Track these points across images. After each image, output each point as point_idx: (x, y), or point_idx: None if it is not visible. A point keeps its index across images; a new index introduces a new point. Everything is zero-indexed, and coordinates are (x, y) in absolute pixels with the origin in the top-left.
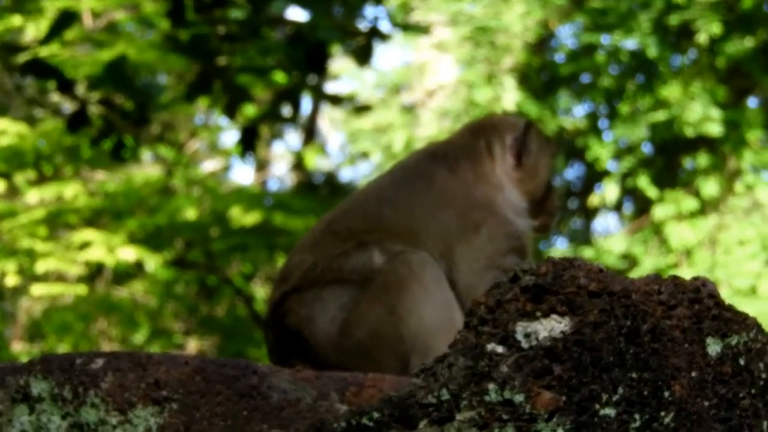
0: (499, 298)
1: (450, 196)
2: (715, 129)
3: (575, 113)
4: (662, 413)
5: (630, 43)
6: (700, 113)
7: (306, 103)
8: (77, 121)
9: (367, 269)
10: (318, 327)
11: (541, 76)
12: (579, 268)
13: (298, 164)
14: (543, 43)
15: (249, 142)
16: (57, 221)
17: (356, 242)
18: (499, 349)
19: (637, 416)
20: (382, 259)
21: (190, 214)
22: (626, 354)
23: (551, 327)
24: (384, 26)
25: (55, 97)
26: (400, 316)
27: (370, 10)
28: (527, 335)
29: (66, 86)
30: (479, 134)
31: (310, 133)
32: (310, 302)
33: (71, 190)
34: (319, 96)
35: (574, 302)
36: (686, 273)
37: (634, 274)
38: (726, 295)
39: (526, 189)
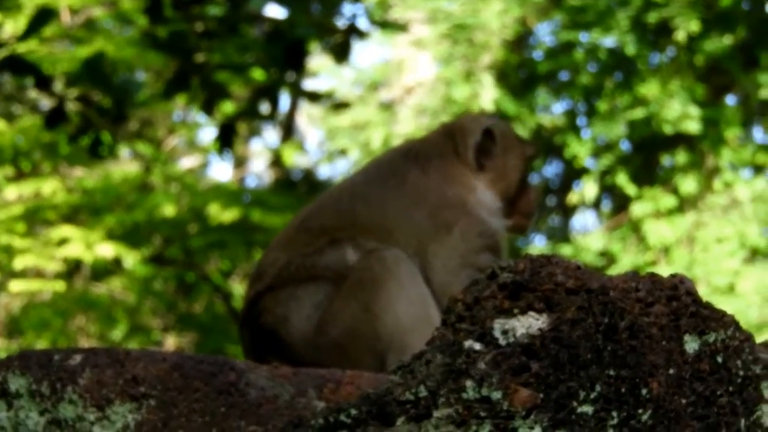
0: (476, 295)
1: (422, 195)
2: (693, 126)
3: (553, 111)
4: (640, 411)
5: (608, 41)
6: (679, 111)
7: (284, 100)
8: (55, 118)
9: (341, 266)
10: (293, 325)
11: (520, 74)
12: (557, 265)
13: (277, 161)
14: (521, 40)
15: (227, 139)
16: (35, 217)
17: (329, 239)
18: (477, 346)
19: (614, 414)
20: (356, 256)
21: (169, 210)
22: (604, 351)
23: (529, 324)
24: (362, 24)
25: (33, 93)
26: (376, 313)
27: (348, 8)
28: (505, 332)
29: (44, 83)
30: (449, 136)
31: (289, 130)
32: (284, 301)
33: (49, 187)
34: (297, 93)
35: (552, 299)
36: (664, 271)
37: (612, 271)
38: (704, 292)
39: (497, 190)
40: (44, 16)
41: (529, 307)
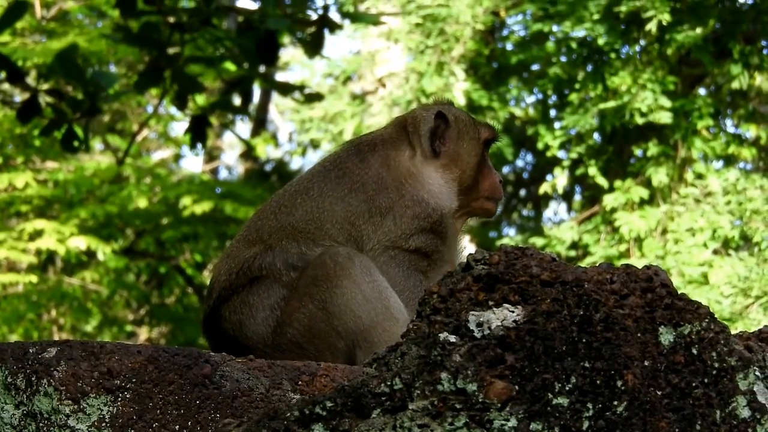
0: (451, 287)
1: (361, 182)
2: (665, 117)
3: (525, 102)
4: (615, 402)
5: (580, 32)
6: (650, 102)
7: (256, 93)
8: (28, 111)
9: (274, 269)
10: (251, 330)
11: (491, 65)
12: (531, 257)
13: (248, 153)
14: (493, 31)
15: (199, 132)
16: (8, 210)
17: (264, 246)
18: (452, 338)
19: (590, 405)
20: (281, 261)
21: (141, 203)
22: (579, 343)
23: (504, 316)
24: (334, 15)
25: (5, 86)
26: (332, 311)
27: (319, 0)
28: (480, 324)
29: (17, 76)
30: (401, 127)
31: (261, 122)
32: (238, 308)
33: (22, 180)
34: (270, 85)
35: (527, 291)
36: (637, 262)
37: (585, 263)
38: (677, 284)
39: (453, 174)
40: (18, 10)
41: (504, 300)
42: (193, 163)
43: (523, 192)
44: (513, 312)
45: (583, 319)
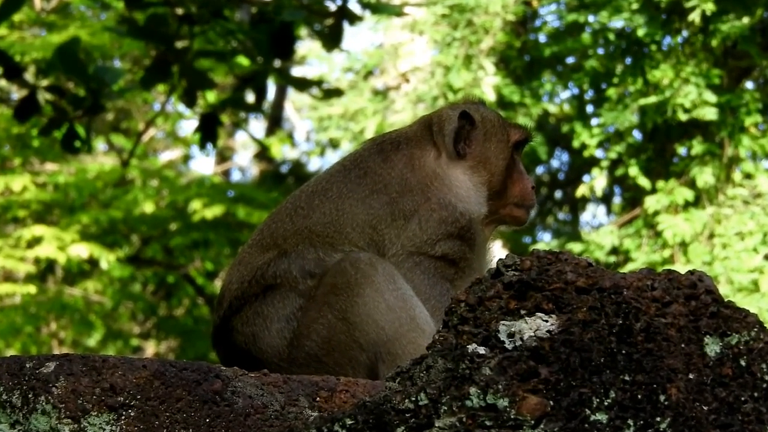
0: (480, 295)
1: (384, 183)
2: (710, 114)
3: (560, 97)
4: (658, 419)
5: (618, 23)
6: (694, 97)
7: (271, 89)
8: (26, 109)
9: (290, 276)
10: (265, 342)
11: (523, 58)
12: (566, 263)
13: (263, 153)
14: (525, 22)
15: (209, 131)
16: (5, 216)
17: (278, 251)
18: (481, 350)
19: (630, 422)
20: (298, 269)
21: (148, 207)
22: (618, 355)
23: (537, 326)
24: (354, 6)
25: (2, 83)
26: (354, 322)
27: None
28: (511, 335)
29: (14, 71)
30: (426, 126)
31: (276, 120)
32: (251, 319)
33: (20, 183)
34: (285, 81)
35: (562, 299)
36: (682, 269)
37: (626, 270)
38: (726, 292)
39: (481, 178)
40: (16, 1)
41: (537, 308)
42: (203, 165)
43: (558, 194)
44: (547, 321)
45: (623, 329)
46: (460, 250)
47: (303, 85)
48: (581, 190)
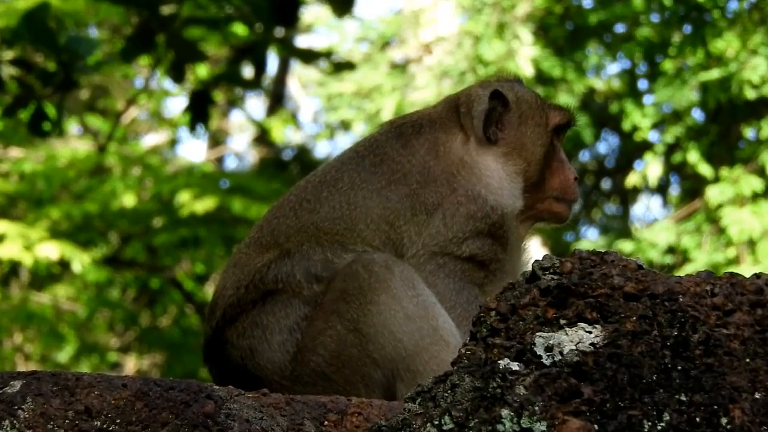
0: (513, 302)
1: (403, 172)
2: None
3: (607, 72)
4: None
5: None
6: (764, 71)
7: (272, 62)
8: None
9: (293, 281)
10: (264, 357)
11: (565, 26)
12: (613, 265)
13: (262, 137)
14: None
15: (200, 111)
16: None
17: (280, 251)
18: (515, 366)
19: None
20: (302, 271)
21: (128, 200)
22: (673, 371)
23: (579, 338)
24: None
25: None
26: (366, 333)
27: None
28: (549, 348)
29: None
30: (452, 107)
31: (278, 98)
32: (249, 330)
33: None
34: (289, 52)
35: (607, 307)
36: (748, 271)
37: (683, 272)
38: None
39: (516, 168)
40: None
41: (579, 317)
42: (193, 151)
43: (606, 184)
44: (590, 333)
45: (678, 341)
46: (490, 250)
47: (309, 57)
48: (632, 180)
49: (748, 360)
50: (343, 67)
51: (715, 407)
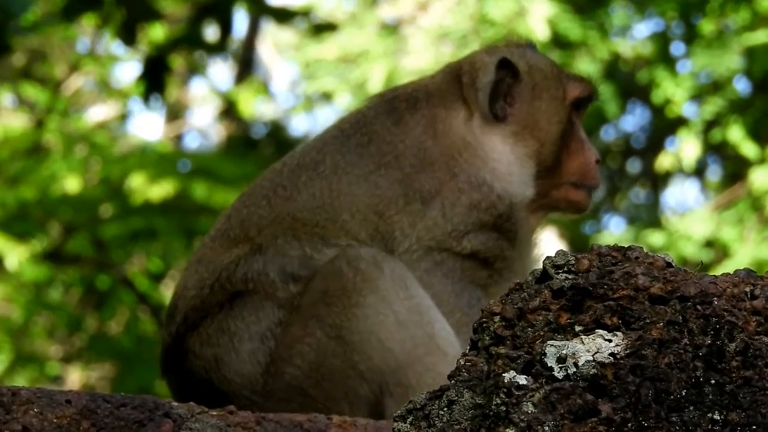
0: (521, 305)
1: (395, 154)
2: None
3: (635, 34)
4: None
5: None
6: None
7: (240, 22)
8: None
9: (266, 281)
10: (232, 369)
11: None
12: (637, 262)
13: (229, 111)
14: None
15: (155, 79)
16: None
17: (251, 246)
18: (522, 379)
19: None
20: (277, 269)
21: (71, 184)
22: (706, 386)
23: (597, 347)
24: None
25: None
26: (350, 342)
27: None
28: (562, 360)
29: None
30: (456, 74)
31: (247, 65)
32: (214, 337)
33: None
34: (259, 10)
35: (630, 311)
36: None
37: (725, 269)
38: None
39: (528, 149)
40: None
41: (597, 323)
42: (147, 127)
43: (633, 166)
44: (610, 341)
45: (712, 351)
46: (496, 246)
47: (284, 16)
48: (664, 162)
49: None
50: (323, 28)
51: (755, 427)
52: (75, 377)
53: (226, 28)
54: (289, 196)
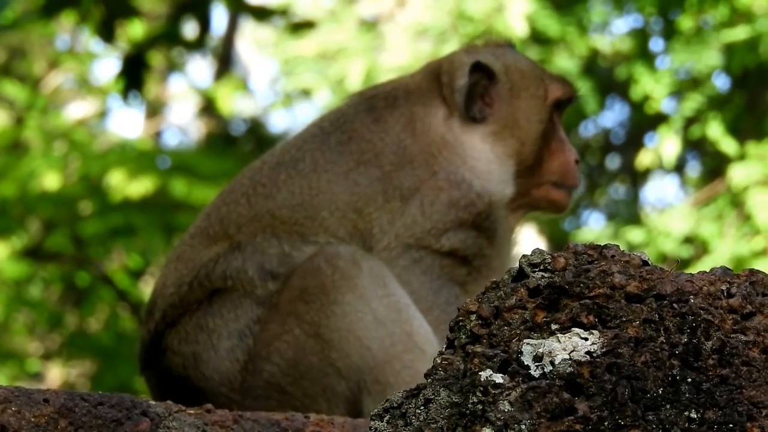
0: (497, 304)
1: (374, 152)
2: None
3: (614, 30)
4: None
5: None
6: None
7: (219, 19)
8: None
9: (245, 278)
10: (210, 366)
11: None
12: (613, 261)
13: (208, 108)
14: None
15: (134, 77)
16: None
17: (230, 244)
18: (498, 378)
19: None
20: (255, 267)
21: (51, 181)
22: (682, 384)
23: (573, 345)
24: None
25: None
26: (328, 339)
27: None
28: (538, 358)
29: None
30: (436, 73)
31: (226, 62)
32: (192, 335)
33: None
34: (238, 8)
35: (606, 309)
36: None
37: (705, 264)
38: None
39: (507, 148)
40: None
41: (573, 322)
42: (127, 124)
43: (612, 162)
44: (586, 339)
45: (688, 349)
46: (474, 244)
47: (262, 15)
48: (643, 158)
49: None
50: (301, 26)
51: (731, 425)
52: (55, 374)
53: (204, 25)
54: (268, 194)
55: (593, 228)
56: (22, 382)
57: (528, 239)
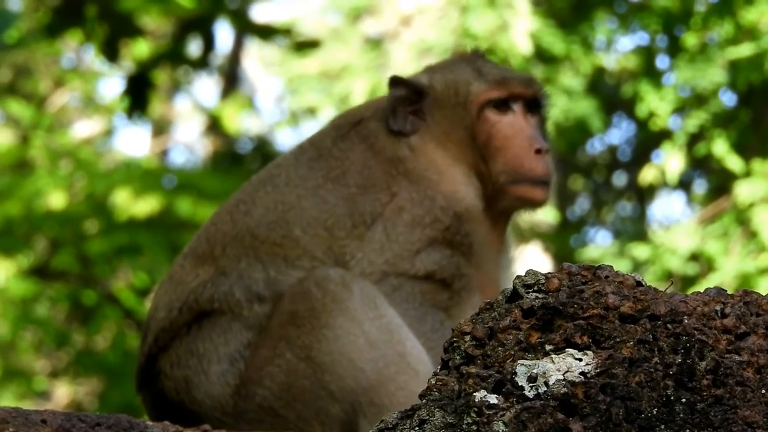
0: (491, 324)
1: (342, 170)
2: None
3: (619, 48)
4: None
5: None
6: None
7: (224, 38)
8: None
9: (231, 301)
10: (201, 391)
11: None
12: (607, 281)
13: (214, 126)
14: None
15: (139, 95)
16: None
17: (215, 267)
18: (493, 398)
19: None
20: (242, 290)
21: (57, 200)
22: (676, 404)
23: (567, 366)
24: None
25: None
26: (321, 363)
27: None
28: (533, 378)
29: None
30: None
31: (232, 80)
32: (183, 359)
33: None
34: (242, 27)
35: (600, 330)
36: None
37: (710, 282)
38: None
39: (450, 157)
40: None
41: (567, 342)
42: (133, 142)
43: (619, 179)
44: (581, 360)
45: (683, 370)
46: (450, 264)
47: (266, 33)
48: (649, 175)
49: (763, 391)
50: (306, 45)
51: None
52: (62, 392)
53: (209, 43)
54: (247, 211)
55: (599, 245)
56: (29, 400)
57: (533, 256)
